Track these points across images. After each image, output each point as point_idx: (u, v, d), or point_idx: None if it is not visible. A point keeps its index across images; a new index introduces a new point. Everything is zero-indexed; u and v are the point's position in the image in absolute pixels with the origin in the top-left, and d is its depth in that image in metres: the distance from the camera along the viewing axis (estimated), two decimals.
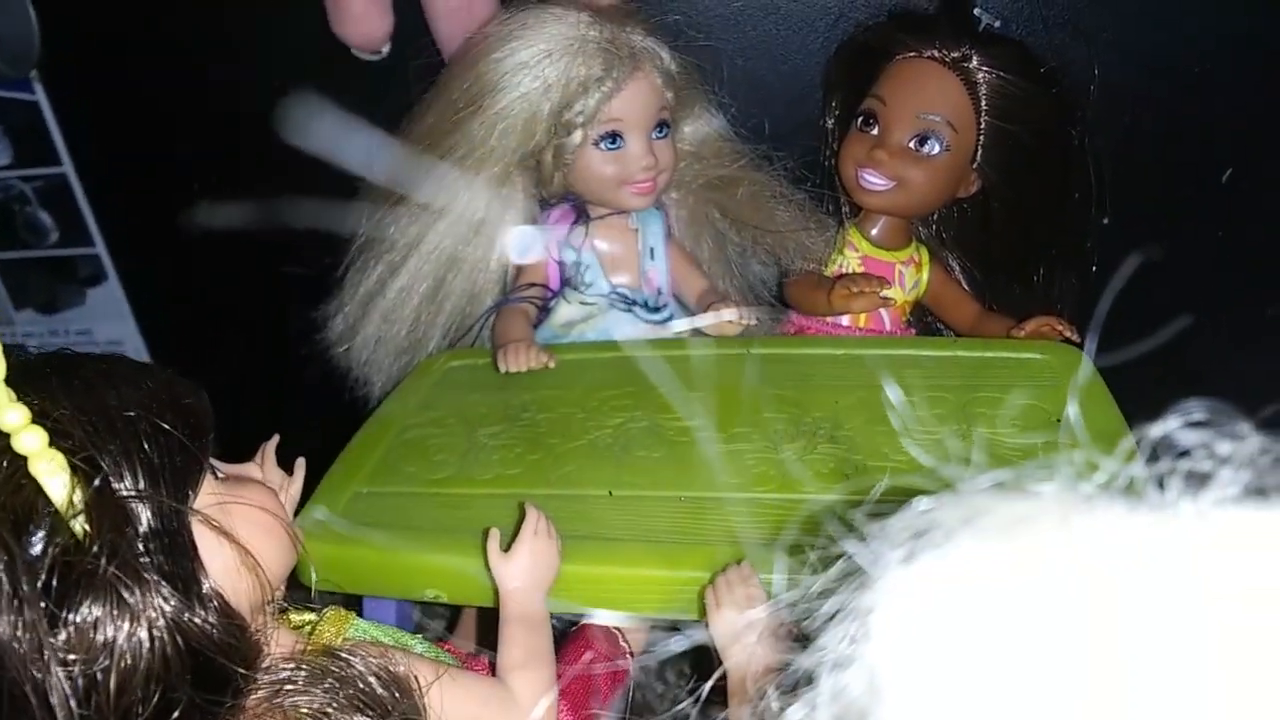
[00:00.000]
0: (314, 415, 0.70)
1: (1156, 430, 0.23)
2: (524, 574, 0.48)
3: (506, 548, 0.49)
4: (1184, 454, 0.23)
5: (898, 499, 0.25)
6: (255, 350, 0.93)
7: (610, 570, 0.51)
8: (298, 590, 0.50)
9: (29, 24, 0.83)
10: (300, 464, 0.51)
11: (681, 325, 0.71)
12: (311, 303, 0.76)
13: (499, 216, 0.72)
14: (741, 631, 0.44)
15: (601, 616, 0.49)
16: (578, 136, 0.68)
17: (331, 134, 0.72)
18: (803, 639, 0.26)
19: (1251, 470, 0.22)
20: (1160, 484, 0.22)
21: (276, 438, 0.51)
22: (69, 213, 0.94)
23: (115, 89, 0.86)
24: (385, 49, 0.76)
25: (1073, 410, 0.57)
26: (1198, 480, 0.22)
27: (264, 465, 0.48)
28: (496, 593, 0.49)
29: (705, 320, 0.69)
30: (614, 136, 0.68)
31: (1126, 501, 0.22)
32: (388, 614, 0.58)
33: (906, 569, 0.23)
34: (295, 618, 0.44)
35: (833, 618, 0.24)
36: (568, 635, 0.57)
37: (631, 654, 0.58)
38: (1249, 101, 0.76)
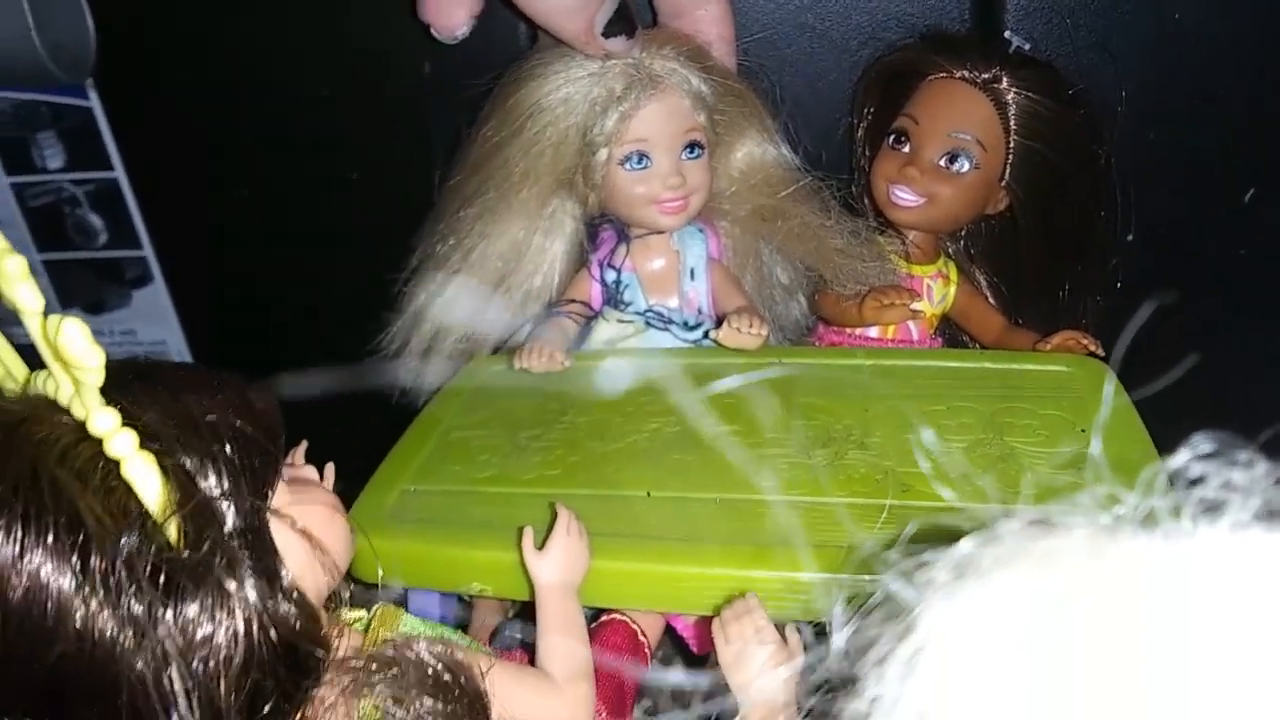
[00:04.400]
0: (359, 422, 0.72)
1: (1171, 464, 0.25)
2: (557, 570, 0.51)
3: (541, 545, 0.51)
4: (1197, 483, 0.25)
5: (933, 535, 0.27)
6: (297, 355, 0.95)
7: (650, 567, 0.53)
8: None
9: (86, 32, 0.86)
10: (330, 469, 0.53)
11: (718, 337, 0.72)
12: (357, 309, 0.78)
13: (544, 239, 0.75)
14: (753, 665, 0.45)
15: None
16: (602, 155, 0.70)
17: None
18: (848, 681, 0.28)
19: (1262, 496, 0.24)
20: (1177, 513, 0.24)
21: (305, 443, 0.53)
22: (118, 216, 0.96)
23: (169, 96, 0.89)
24: (462, 32, 0.73)
25: (1098, 421, 0.59)
26: (1213, 508, 0.24)
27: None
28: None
29: (720, 335, 0.70)
30: (641, 156, 0.70)
31: (1147, 531, 0.24)
32: (432, 607, 0.61)
33: (947, 608, 0.25)
34: (348, 614, 0.45)
35: (877, 658, 0.26)
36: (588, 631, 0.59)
37: (650, 648, 0.60)
38: (1273, 122, 0.78)
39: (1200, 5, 0.74)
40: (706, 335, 0.73)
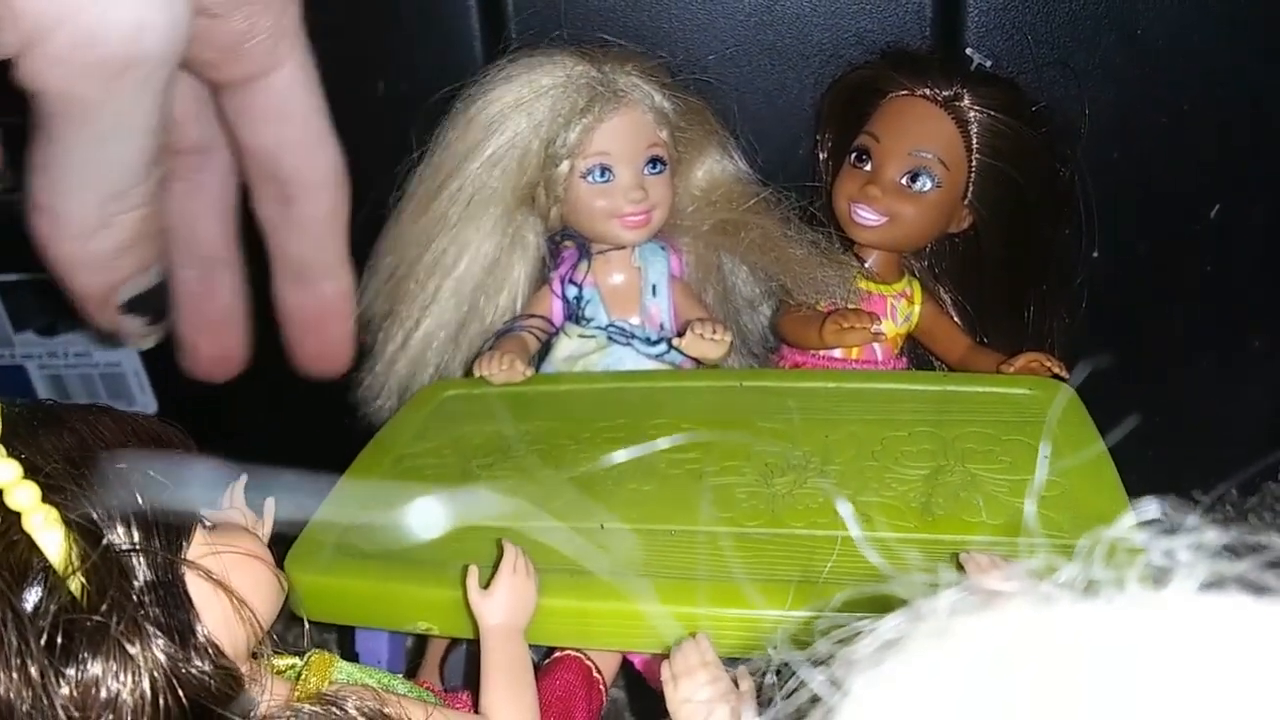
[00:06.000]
0: (315, 441, 0.70)
1: (1113, 532, 0.24)
2: (502, 611, 0.49)
3: (487, 584, 0.50)
4: (1142, 550, 0.23)
5: (861, 611, 0.25)
6: (255, 376, 0.93)
7: (597, 605, 0.51)
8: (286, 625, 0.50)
9: None
10: (270, 504, 0.51)
11: (681, 345, 0.71)
12: None
13: (509, 257, 0.75)
14: (701, 711, 0.43)
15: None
16: (564, 167, 0.70)
17: None
18: None
19: (1208, 562, 0.22)
20: (1121, 579, 0.23)
21: (244, 477, 0.51)
22: None
23: None
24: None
25: (1052, 445, 0.58)
26: (1157, 574, 0.23)
27: (232, 507, 0.49)
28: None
29: (684, 342, 0.70)
30: (603, 169, 0.70)
31: (1087, 599, 0.23)
32: (380, 644, 0.59)
33: (875, 688, 0.23)
34: (279, 662, 0.43)
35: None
36: (540, 668, 0.57)
37: (605, 685, 0.59)
38: (1235, 138, 0.77)
39: (1163, 21, 0.73)
40: (671, 347, 0.72)
